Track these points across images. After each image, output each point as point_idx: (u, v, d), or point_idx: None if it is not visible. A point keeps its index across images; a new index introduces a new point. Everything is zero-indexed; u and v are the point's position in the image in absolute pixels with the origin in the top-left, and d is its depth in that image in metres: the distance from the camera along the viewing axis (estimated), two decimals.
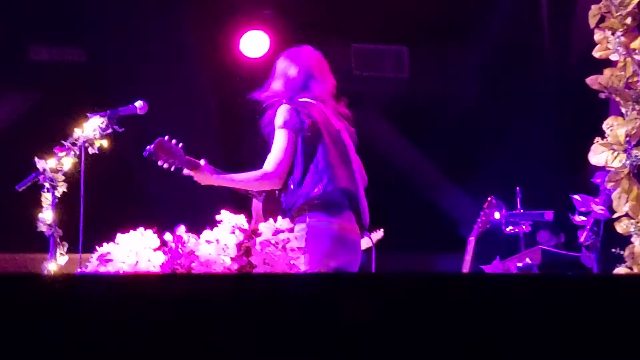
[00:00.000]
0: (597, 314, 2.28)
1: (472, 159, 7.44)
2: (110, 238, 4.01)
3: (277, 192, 4.41)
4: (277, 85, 4.54)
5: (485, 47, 7.58)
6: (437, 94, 7.70)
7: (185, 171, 4.33)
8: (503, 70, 7.51)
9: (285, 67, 4.58)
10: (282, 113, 4.37)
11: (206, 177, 4.33)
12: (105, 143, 4.30)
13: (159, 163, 4.25)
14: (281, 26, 7.47)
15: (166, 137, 4.23)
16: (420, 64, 7.92)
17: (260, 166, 4.40)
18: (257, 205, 4.49)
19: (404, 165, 7.76)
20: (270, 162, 4.32)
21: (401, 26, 7.56)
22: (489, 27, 7.48)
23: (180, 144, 4.26)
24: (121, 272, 3.73)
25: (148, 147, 4.21)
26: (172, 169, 4.29)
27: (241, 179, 4.36)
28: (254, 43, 7.52)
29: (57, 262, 4.15)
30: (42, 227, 4.18)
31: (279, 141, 4.33)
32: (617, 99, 3.77)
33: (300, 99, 4.48)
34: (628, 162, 3.73)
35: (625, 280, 2.78)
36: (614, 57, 3.79)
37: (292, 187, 4.33)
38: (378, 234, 6.00)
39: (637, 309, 2.26)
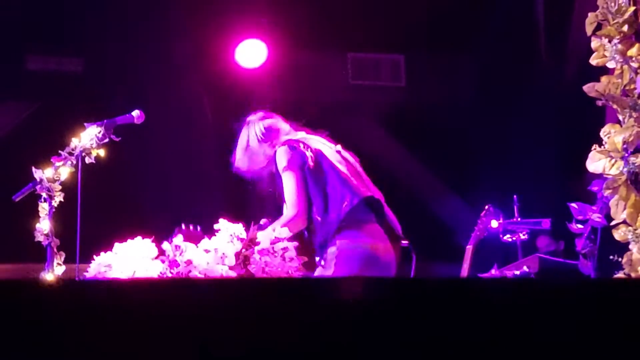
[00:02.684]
0: (592, 318, 2.28)
1: (469, 167, 7.44)
2: (108, 247, 4.00)
3: (305, 233, 4.37)
4: (252, 146, 4.52)
5: (482, 55, 7.59)
6: (434, 102, 7.71)
7: None
8: (500, 78, 7.52)
9: (250, 130, 4.58)
10: (281, 156, 4.37)
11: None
12: (102, 152, 4.29)
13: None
14: (278, 35, 7.48)
15: (182, 226, 4.23)
16: (416, 73, 7.93)
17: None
18: None
19: (401, 174, 7.75)
20: (289, 205, 4.31)
21: (398, 35, 7.58)
22: (485, 36, 7.50)
23: (198, 227, 4.26)
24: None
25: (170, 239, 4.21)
26: None
27: (269, 235, 4.31)
28: (250, 52, 7.52)
29: (54, 272, 4.14)
30: (40, 237, 4.17)
31: (289, 183, 4.32)
32: (614, 106, 3.77)
33: (285, 138, 4.48)
34: (625, 169, 3.73)
35: (619, 284, 2.78)
36: (610, 65, 3.79)
37: (318, 218, 4.30)
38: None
39: (631, 312, 2.26)
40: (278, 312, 2.16)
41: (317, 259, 4.24)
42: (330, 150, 4.48)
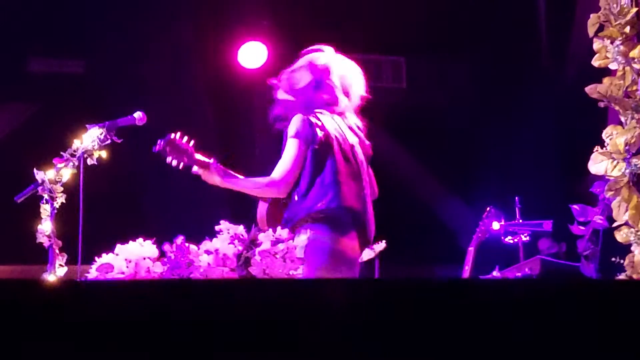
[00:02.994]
0: (594, 320, 2.28)
1: (470, 169, 7.43)
2: (110, 249, 4.00)
3: (282, 200, 4.40)
4: (300, 83, 4.51)
5: (483, 56, 7.59)
6: (435, 104, 7.71)
7: (195, 169, 4.32)
8: (501, 79, 7.52)
9: (312, 70, 4.57)
10: (295, 123, 4.36)
11: (214, 177, 4.31)
12: (104, 154, 4.30)
13: (168, 160, 4.25)
14: (279, 37, 7.48)
15: (178, 134, 4.24)
16: (417, 74, 7.93)
17: (259, 174, 4.39)
18: (262, 209, 4.47)
19: (402, 176, 7.75)
20: (279, 170, 4.31)
21: (399, 37, 7.57)
22: (486, 37, 7.49)
23: (192, 142, 4.26)
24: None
25: (158, 141, 4.20)
26: (181, 167, 4.28)
27: (248, 184, 4.34)
28: (252, 54, 7.52)
29: (56, 274, 4.14)
30: (41, 239, 4.17)
31: (290, 150, 4.32)
32: (616, 107, 3.77)
33: (317, 110, 4.46)
34: (627, 171, 3.73)
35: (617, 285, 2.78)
36: (613, 66, 3.79)
37: (296, 198, 4.31)
38: (380, 245, 5.99)
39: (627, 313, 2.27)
40: (280, 312, 2.17)
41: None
42: (346, 144, 4.44)
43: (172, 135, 4.25)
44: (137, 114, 4.43)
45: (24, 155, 5.01)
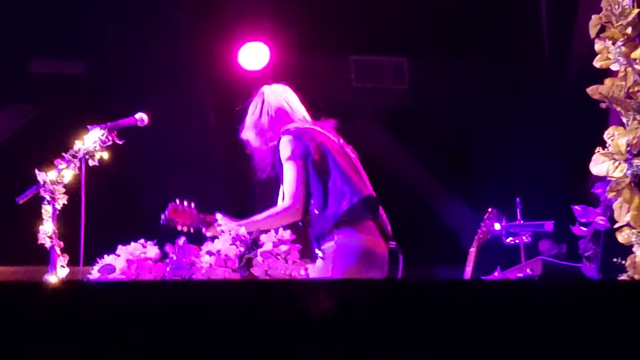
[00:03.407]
0: (595, 320, 2.28)
1: (472, 170, 7.43)
2: (111, 250, 4.00)
3: (300, 224, 4.36)
4: (262, 123, 4.51)
5: (485, 58, 7.59)
6: (437, 105, 7.70)
7: (205, 230, 4.29)
8: (503, 81, 7.52)
9: (263, 105, 4.56)
10: (285, 145, 4.35)
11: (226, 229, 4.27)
12: (105, 155, 4.30)
13: (178, 228, 4.24)
14: (280, 38, 7.48)
15: (177, 201, 4.23)
16: (419, 76, 7.93)
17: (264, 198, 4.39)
18: None
19: (404, 177, 7.75)
20: (288, 195, 4.29)
21: (400, 38, 7.57)
22: (488, 38, 7.49)
23: (192, 204, 4.25)
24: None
25: (162, 215, 4.21)
26: (192, 230, 4.26)
27: (262, 220, 4.30)
28: (253, 55, 7.52)
29: (57, 275, 4.14)
30: (43, 239, 4.18)
31: (291, 173, 4.30)
32: (618, 108, 3.77)
33: (293, 126, 4.47)
34: (629, 171, 3.73)
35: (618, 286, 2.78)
36: (614, 67, 3.79)
37: (316, 212, 4.29)
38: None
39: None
40: (284, 313, 2.17)
41: (317, 251, 4.23)
42: (334, 143, 4.46)
43: (172, 205, 4.24)
44: (139, 115, 4.43)
45: (26, 156, 5.02)
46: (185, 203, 4.24)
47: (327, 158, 4.35)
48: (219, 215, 4.24)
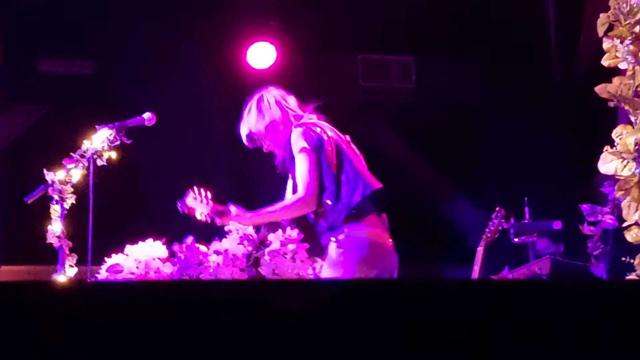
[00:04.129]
0: (603, 320, 2.28)
1: (479, 169, 7.42)
2: (120, 249, 4.02)
3: (312, 216, 4.37)
4: (268, 122, 4.53)
5: (492, 56, 7.58)
6: (444, 104, 7.70)
7: (218, 221, 4.29)
8: (510, 79, 7.50)
9: (264, 104, 4.58)
10: (298, 137, 4.37)
11: (239, 220, 4.28)
12: (113, 155, 4.31)
13: (196, 216, 4.24)
14: (288, 37, 7.48)
15: (195, 189, 4.25)
16: (426, 74, 7.92)
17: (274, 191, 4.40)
18: None
19: (411, 176, 7.74)
20: (301, 186, 4.31)
21: (407, 36, 7.57)
22: (495, 36, 7.48)
23: (209, 194, 4.27)
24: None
25: (179, 202, 4.23)
26: (209, 220, 4.27)
27: (275, 211, 4.32)
28: (260, 54, 7.53)
29: (66, 274, 4.15)
30: (51, 239, 4.19)
31: (303, 164, 4.32)
32: (626, 107, 3.76)
33: (304, 120, 4.49)
34: (637, 170, 3.72)
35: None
36: (622, 66, 3.78)
37: (329, 203, 4.31)
38: None
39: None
40: (290, 313, 2.17)
41: (332, 239, 4.25)
42: (343, 139, 4.51)
43: (191, 193, 4.26)
44: (147, 115, 4.44)
45: (34, 156, 5.02)
46: (202, 192, 4.26)
47: (340, 151, 4.38)
48: (232, 207, 4.25)
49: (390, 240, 4.45)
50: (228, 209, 4.25)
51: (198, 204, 4.23)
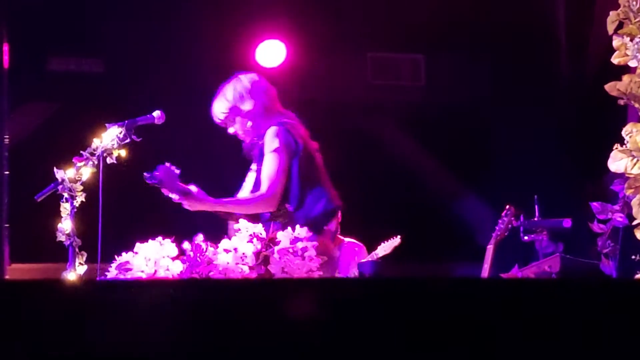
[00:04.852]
0: (613, 318, 2.28)
1: (489, 167, 7.42)
2: (129, 247, 4.02)
3: (268, 216, 4.37)
4: (247, 107, 4.52)
5: (502, 54, 7.56)
6: (454, 102, 7.69)
7: (174, 197, 4.31)
8: (520, 77, 7.49)
9: (247, 94, 4.57)
10: (274, 135, 4.36)
11: (199, 202, 4.31)
12: (123, 153, 4.31)
13: (163, 191, 4.26)
14: (297, 35, 7.48)
15: (167, 164, 4.25)
16: (436, 73, 7.91)
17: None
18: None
19: (421, 174, 7.74)
20: (266, 184, 4.31)
21: (417, 35, 7.56)
22: (506, 35, 7.47)
23: (178, 171, 4.27)
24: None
25: (148, 174, 4.22)
26: (175, 199, 4.29)
27: (236, 203, 4.35)
28: (270, 52, 7.52)
29: (76, 272, 4.16)
30: (61, 237, 4.20)
31: (273, 164, 4.32)
32: (636, 105, 3.76)
33: (283, 119, 4.48)
34: None
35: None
36: (632, 63, 3.78)
37: (289, 208, 4.32)
38: (395, 241, 6.00)
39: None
40: (297, 312, 2.17)
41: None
42: (312, 144, 4.50)
43: (166, 167, 4.26)
44: (156, 113, 4.45)
45: (44, 154, 5.04)
46: (174, 168, 4.27)
47: (311, 160, 4.38)
48: (193, 187, 4.27)
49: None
50: (189, 189, 4.28)
51: (169, 178, 4.24)
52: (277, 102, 4.58)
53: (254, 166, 4.52)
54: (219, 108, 4.57)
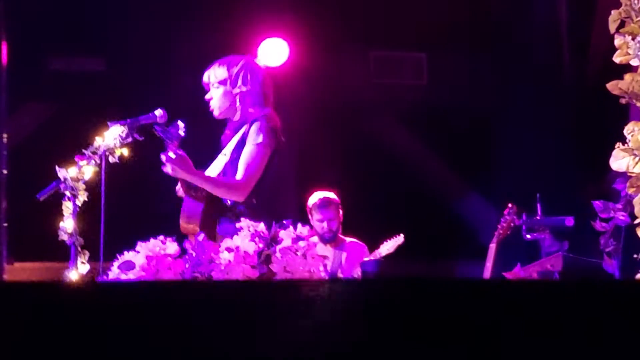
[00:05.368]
0: (616, 317, 2.27)
1: (492, 165, 7.42)
2: (131, 246, 4.02)
3: (231, 202, 4.37)
4: (241, 90, 4.53)
5: (504, 53, 7.56)
6: (456, 100, 7.69)
7: (170, 155, 4.31)
8: (522, 76, 7.49)
9: (246, 73, 4.57)
10: (263, 130, 4.36)
11: (187, 170, 4.30)
12: (125, 152, 4.31)
13: (166, 151, 4.27)
14: (300, 34, 7.48)
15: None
16: (439, 71, 7.91)
17: None
18: (194, 206, 4.44)
19: (423, 172, 7.74)
20: (244, 174, 4.30)
21: (420, 33, 7.56)
22: (508, 33, 7.47)
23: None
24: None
25: (170, 128, 4.24)
26: (167, 154, 4.30)
27: (211, 181, 4.36)
28: (272, 51, 7.52)
29: (78, 271, 4.16)
30: (63, 236, 4.20)
31: (255, 157, 4.31)
32: (638, 104, 3.76)
33: (273, 116, 4.49)
34: None
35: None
36: (634, 62, 3.78)
37: (254, 202, 4.32)
38: (398, 240, 6.01)
39: None
40: (298, 313, 2.17)
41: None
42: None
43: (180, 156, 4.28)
44: (158, 112, 4.45)
45: (46, 153, 5.04)
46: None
47: (284, 163, 4.41)
48: (171, 153, 4.27)
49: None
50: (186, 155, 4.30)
51: (175, 136, 4.26)
52: (271, 100, 4.58)
53: (226, 150, 4.51)
54: (218, 73, 4.56)
